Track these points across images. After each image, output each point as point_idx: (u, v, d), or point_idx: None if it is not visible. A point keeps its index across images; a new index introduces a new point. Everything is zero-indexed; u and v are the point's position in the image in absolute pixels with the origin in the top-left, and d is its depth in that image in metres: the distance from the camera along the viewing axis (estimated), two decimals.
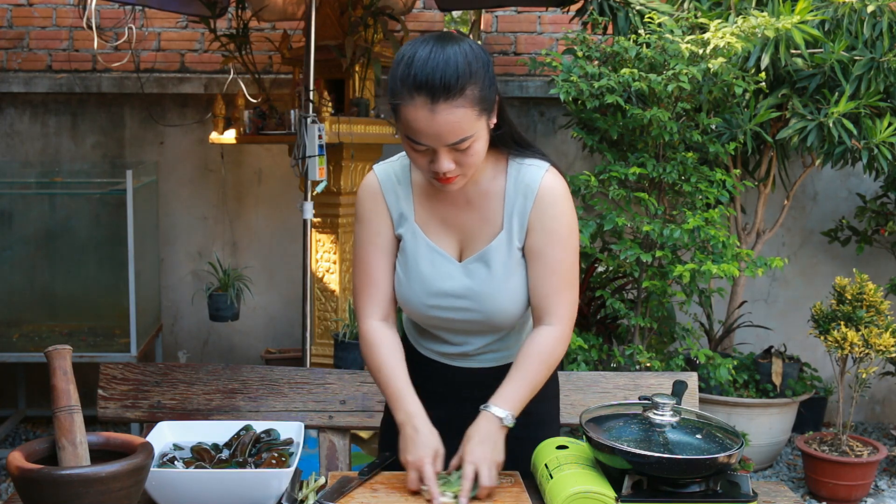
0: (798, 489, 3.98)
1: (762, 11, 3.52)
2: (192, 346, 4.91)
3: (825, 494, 3.83)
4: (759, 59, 3.51)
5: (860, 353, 3.70)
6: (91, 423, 1.38)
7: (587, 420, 1.58)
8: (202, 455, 1.57)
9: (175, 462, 1.53)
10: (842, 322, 3.79)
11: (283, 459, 1.54)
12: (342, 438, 1.99)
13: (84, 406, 1.43)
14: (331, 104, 3.66)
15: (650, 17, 3.65)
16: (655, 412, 1.54)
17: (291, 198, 4.61)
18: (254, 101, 4.01)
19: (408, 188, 1.73)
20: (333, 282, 4.08)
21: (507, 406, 1.64)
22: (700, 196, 3.61)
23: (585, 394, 2.00)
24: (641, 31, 3.69)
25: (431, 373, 1.79)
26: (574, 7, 4.13)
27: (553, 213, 1.68)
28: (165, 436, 1.63)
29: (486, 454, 1.58)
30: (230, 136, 4.03)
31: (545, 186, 1.68)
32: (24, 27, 4.83)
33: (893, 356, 3.84)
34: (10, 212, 4.41)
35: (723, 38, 3.38)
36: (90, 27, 3.75)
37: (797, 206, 4.77)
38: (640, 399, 1.61)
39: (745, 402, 4.01)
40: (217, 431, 1.65)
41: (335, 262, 4.07)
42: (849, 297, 3.83)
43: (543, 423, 1.71)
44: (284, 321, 4.89)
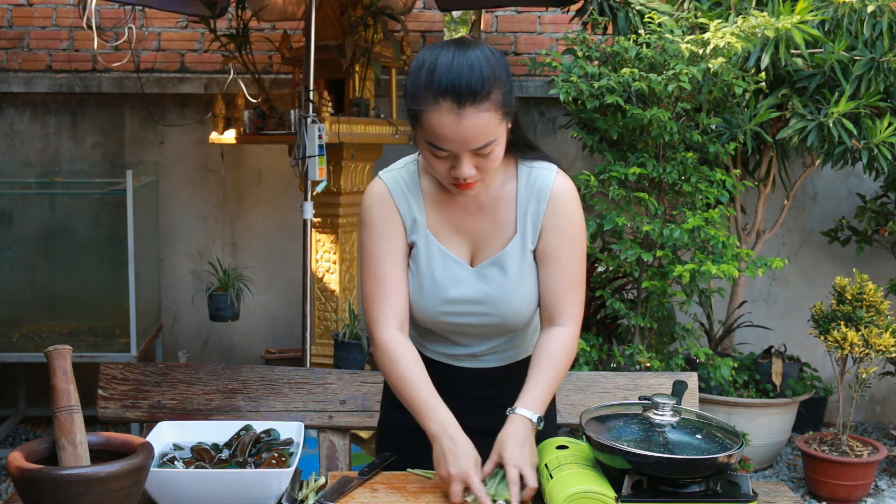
0: (798, 489, 3.98)
1: (762, 11, 3.52)
2: (192, 346, 4.91)
3: (825, 494, 3.83)
4: (759, 59, 3.51)
5: (860, 353, 3.70)
6: (91, 423, 1.38)
7: (587, 420, 1.58)
8: (202, 455, 1.57)
9: (175, 462, 1.53)
10: (842, 322, 3.79)
11: (283, 459, 1.54)
12: (342, 438, 1.99)
13: (84, 406, 1.43)
14: (331, 104, 3.66)
15: (650, 17, 3.65)
16: (655, 412, 1.54)
17: (291, 198, 4.60)
18: (254, 101, 4.01)
19: (418, 195, 1.71)
20: (333, 282, 4.08)
21: (535, 408, 1.64)
22: (700, 196, 3.61)
23: (585, 394, 2.00)
24: (641, 31, 3.69)
25: (435, 373, 1.78)
26: (574, 7, 4.13)
27: (566, 216, 1.69)
28: (165, 436, 1.63)
29: (526, 456, 1.58)
30: (230, 136, 4.03)
31: (557, 189, 1.69)
32: (24, 27, 4.83)
33: (893, 356, 3.84)
34: (10, 212, 4.41)
35: (723, 38, 3.38)
36: (90, 27, 3.75)
37: (797, 206, 4.76)
38: (640, 399, 1.61)
39: (745, 402, 4.01)
40: (217, 431, 1.65)
41: (335, 262, 4.08)
42: (849, 297, 3.83)
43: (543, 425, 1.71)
44: (284, 321, 4.89)
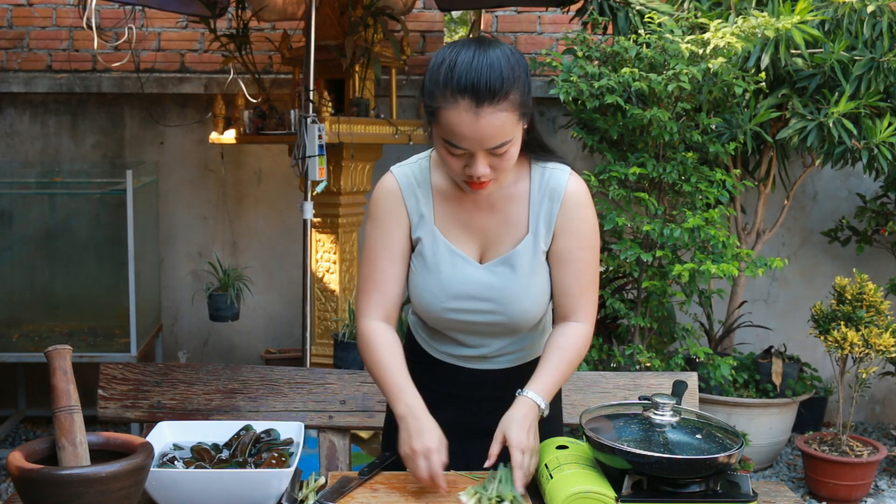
0: (798, 489, 3.98)
1: (762, 11, 3.52)
2: (192, 346, 4.91)
3: (825, 494, 3.83)
4: (759, 59, 3.51)
5: (860, 353, 3.70)
6: (91, 423, 1.38)
7: (587, 420, 1.58)
8: (202, 455, 1.57)
9: (175, 462, 1.53)
10: (842, 322, 3.79)
11: (283, 459, 1.54)
12: (342, 438, 1.99)
13: (84, 406, 1.43)
14: (331, 104, 3.66)
15: (650, 17, 3.65)
16: (655, 412, 1.54)
17: (291, 198, 4.60)
18: (254, 101, 4.01)
19: (427, 191, 1.72)
20: (333, 282, 4.08)
21: (544, 394, 1.64)
22: (700, 196, 3.61)
23: (585, 394, 2.00)
24: (641, 31, 3.69)
25: (443, 375, 1.79)
26: (574, 7, 4.13)
27: (580, 216, 1.71)
28: (165, 436, 1.63)
29: (531, 441, 1.58)
30: (230, 136, 4.03)
31: (571, 190, 1.70)
32: (24, 27, 4.83)
33: (893, 356, 3.84)
34: (10, 212, 4.41)
35: (723, 38, 3.38)
36: (90, 27, 3.75)
37: (797, 206, 4.76)
38: (640, 399, 1.61)
39: (745, 402, 4.01)
40: (217, 431, 1.65)
41: (335, 262, 4.08)
42: (849, 297, 3.83)
43: (548, 423, 1.71)
44: (284, 321, 4.88)
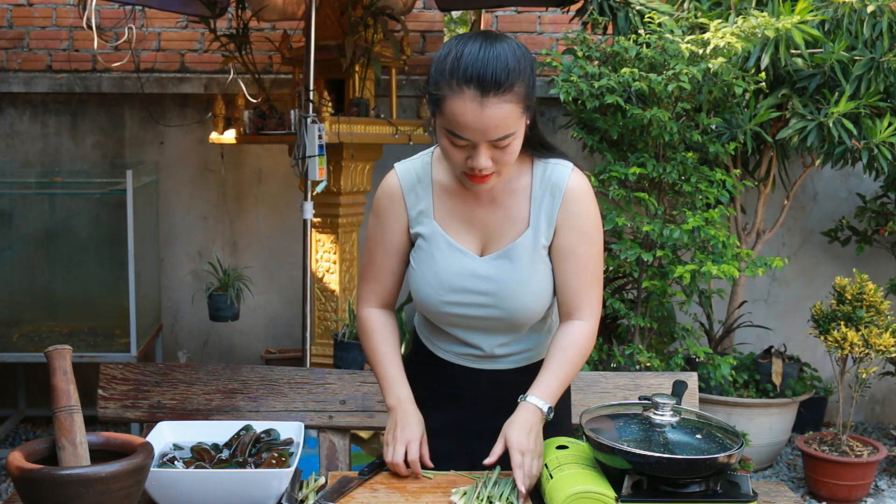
0: (798, 489, 3.98)
1: (762, 11, 3.52)
2: (192, 346, 4.91)
3: (825, 494, 3.83)
4: (759, 59, 3.51)
5: (860, 353, 3.70)
6: (91, 423, 1.38)
7: (587, 420, 1.58)
8: (202, 455, 1.57)
9: (175, 462, 1.53)
10: (842, 322, 3.79)
11: (283, 459, 1.54)
12: (342, 438, 1.99)
13: (84, 406, 1.43)
14: (331, 104, 3.66)
15: (650, 17, 3.65)
16: (655, 412, 1.54)
17: (291, 198, 4.60)
18: (254, 101, 4.01)
19: (428, 186, 1.73)
20: (333, 282, 4.08)
21: (546, 398, 1.64)
22: (700, 196, 3.61)
23: (585, 394, 2.00)
24: (641, 31, 3.69)
25: (450, 376, 1.79)
26: (574, 7, 4.13)
27: (582, 211, 1.70)
28: (165, 436, 1.63)
29: (531, 443, 1.58)
30: (230, 136, 4.03)
31: (572, 185, 1.69)
32: (24, 27, 4.83)
33: (893, 356, 3.84)
34: (10, 212, 4.41)
35: (723, 38, 3.38)
36: (90, 27, 3.75)
37: (797, 206, 4.76)
38: (640, 399, 1.61)
39: (745, 402, 4.01)
40: (217, 431, 1.65)
41: (335, 262, 4.07)
42: (849, 297, 3.83)
43: (555, 424, 1.70)
44: (284, 321, 4.88)
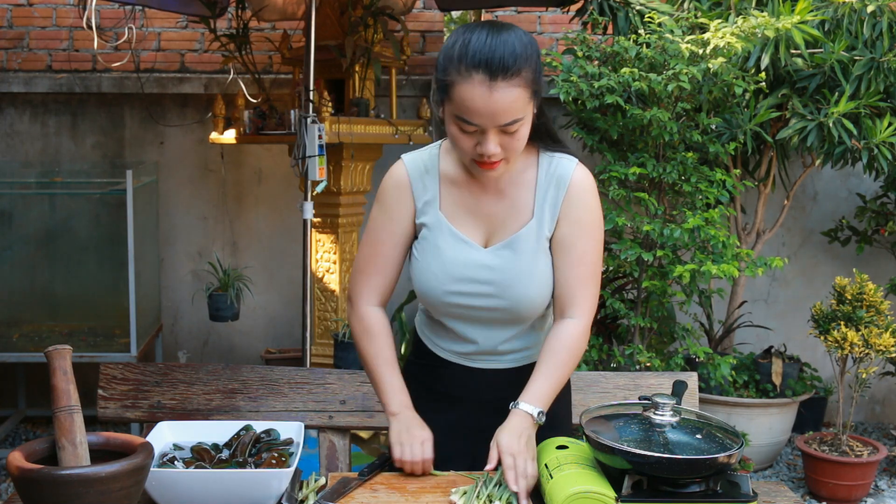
0: (798, 489, 3.98)
1: (762, 11, 3.52)
2: (192, 346, 4.91)
3: (825, 494, 3.83)
4: (759, 59, 3.51)
5: (860, 353, 3.70)
6: (91, 423, 1.38)
7: (587, 420, 1.58)
8: (202, 455, 1.57)
9: (175, 462, 1.53)
10: (842, 322, 3.79)
11: (283, 459, 1.54)
12: (342, 438, 1.99)
13: (84, 406, 1.43)
14: (331, 104, 3.66)
15: (650, 17, 3.65)
16: (655, 412, 1.54)
17: (291, 198, 4.60)
18: (254, 101, 4.01)
19: (435, 176, 1.73)
20: (333, 282, 4.08)
21: (538, 403, 1.64)
22: (700, 196, 3.61)
23: (585, 394, 2.00)
24: (641, 31, 3.69)
25: (451, 376, 1.79)
26: (574, 7, 4.13)
27: (584, 205, 1.70)
28: (165, 436, 1.63)
29: (522, 447, 1.58)
30: (230, 136, 4.03)
31: (577, 178, 1.71)
32: (24, 27, 4.83)
33: (893, 356, 3.84)
34: (10, 212, 4.41)
35: (723, 38, 3.38)
36: (90, 27, 3.75)
37: (797, 206, 4.76)
38: (640, 399, 1.61)
39: (745, 402, 4.01)
40: (217, 431, 1.65)
41: (335, 262, 4.08)
42: (849, 297, 3.83)
43: (555, 424, 1.71)
44: (284, 321, 4.88)
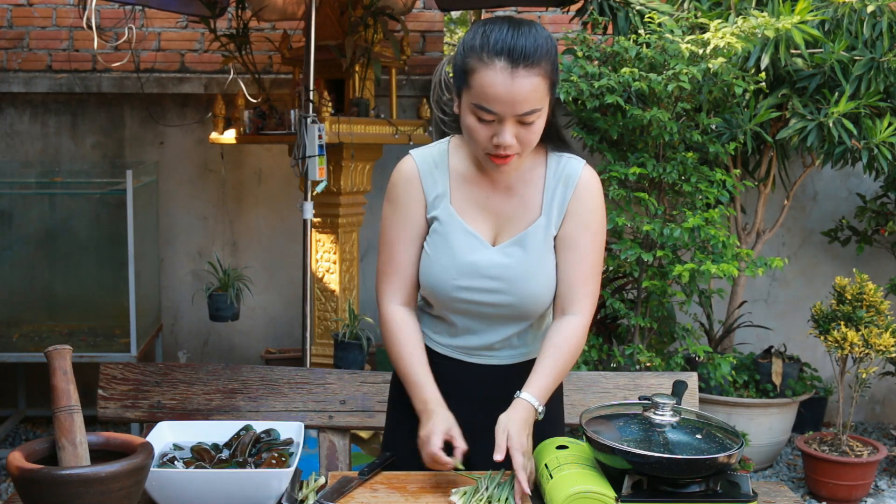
0: (798, 489, 3.98)
1: (762, 11, 3.52)
2: (192, 346, 4.91)
3: (825, 494, 3.83)
4: (759, 59, 3.51)
5: (860, 353, 3.70)
6: (91, 423, 1.38)
7: (587, 420, 1.58)
8: (202, 455, 1.57)
9: (175, 462, 1.53)
10: (842, 322, 3.79)
11: (283, 459, 1.54)
12: (342, 438, 1.99)
13: (84, 406, 1.43)
14: (331, 104, 3.66)
15: (650, 17, 3.65)
16: (655, 412, 1.54)
17: (291, 198, 4.60)
18: (254, 101, 4.01)
19: (445, 172, 1.75)
20: (333, 282, 4.08)
21: (539, 396, 1.66)
22: (700, 196, 3.61)
23: (585, 394, 2.00)
24: (641, 31, 3.69)
25: (445, 371, 1.78)
26: (574, 7, 4.13)
27: (589, 205, 1.73)
28: (165, 436, 1.63)
29: (529, 444, 1.60)
30: (230, 136, 4.04)
31: (585, 178, 1.74)
32: (24, 27, 4.83)
33: (893, 356, 3.84)
34: (10, 212, 4.41)
35: (723, 39, 3.38)
36: (90, 27, 3.75)
37: (797, 206, 4.76)
38: (640, 399, 1.61)
39: (745, 402, 4.01)
40: (217, 431, 1.65)
41: (335, 262, 4.08)
42: (849, 297, 3.83)
43: (549, 423, 1.71)
44: (284, 321, 4.89)
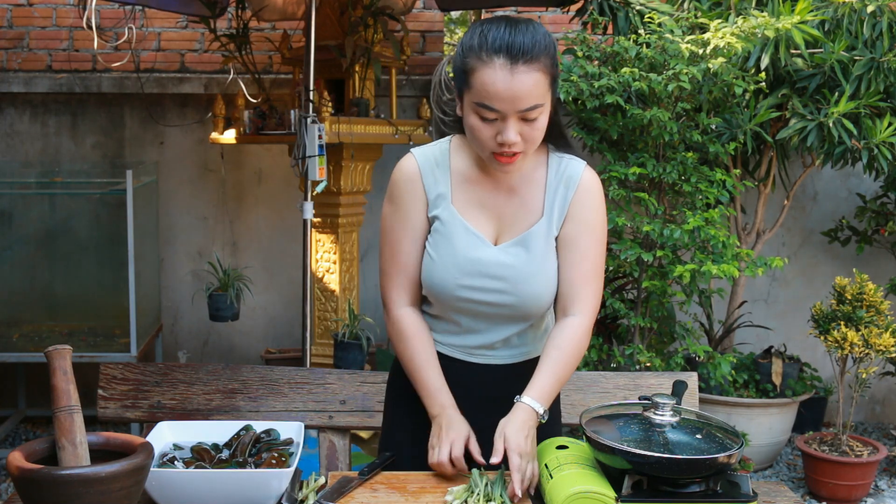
0: (798, 489, 3.98)
1: (762, 11, 3.52)
2: (192, 346, 4.91)
3: (825, 494, 3.83)
4: (759, 59, 3.51)
5: (860, 353, 3.70)
6: (91, 423, 1.38)
7: (587, 420, 1.58)
8: (202, 455, 1.57)
9: (175, 462, 1.53)
10: (842, 322, 3.79)
11: (283, 459, 1.54)
12: (342, 438, 1.99)
13: (84, 406, 1.43)
14: (331, 104, 3.66)
15: (650, 17, 3.65)
16: (655, 412, 1.54)
17: (291, 198, 4.60)
18: (254, 101, 4.01)
19: (446, 171, 1.74)
20: (333, 282, 4.08)
21: (542, 399, 1.66)
22: (700, 196, 3.61)
23: (585, 394, 2.00)
24: (641, 31, 3.69)
25: (446, 370, 1.78)
26: (574, 7, 4.13)
27: (591, 205, 1.74)
28: (165, 436, 1.63)
29: (529, 446, 1.60)
30: (230, 136, 4.04)
31: (586, 179, 1.74)
32: (24, 27, 4.83)
33: (893, 356, 3.84)
34: (10, 212, 4.41)
35: (723, 39, 3.38)
36: (90, 27, 3.75)
37: (797, 206, 4.76)
38: (640, 399, 1.61)
39: (745, 402, 4.01)
40: (217, 431, 1.65)
41: (335, 262, 4.08)
42: (849, 297, 3.83)
43: (547, 423, 1.71)
44: (284, 321, 4.89)
